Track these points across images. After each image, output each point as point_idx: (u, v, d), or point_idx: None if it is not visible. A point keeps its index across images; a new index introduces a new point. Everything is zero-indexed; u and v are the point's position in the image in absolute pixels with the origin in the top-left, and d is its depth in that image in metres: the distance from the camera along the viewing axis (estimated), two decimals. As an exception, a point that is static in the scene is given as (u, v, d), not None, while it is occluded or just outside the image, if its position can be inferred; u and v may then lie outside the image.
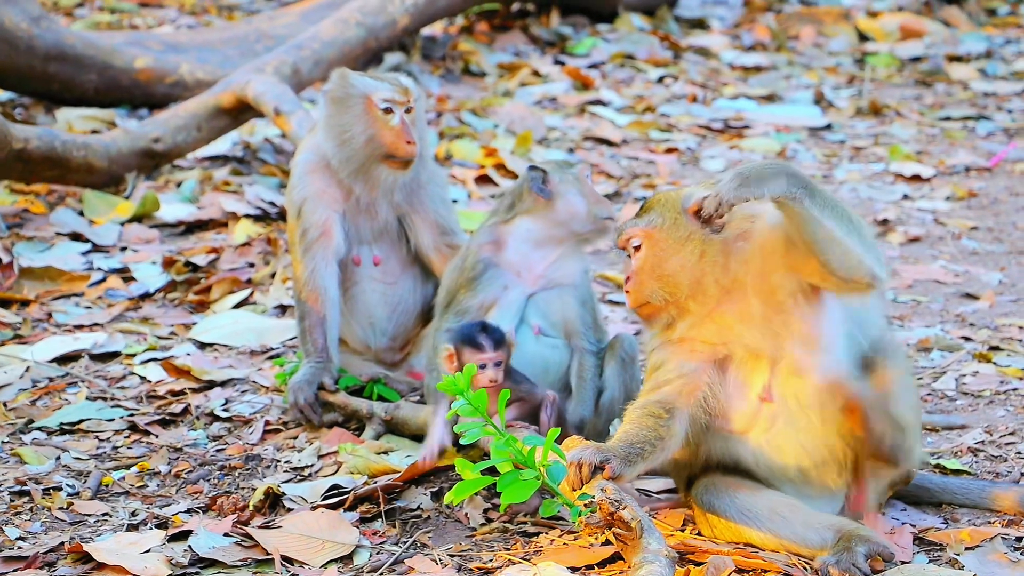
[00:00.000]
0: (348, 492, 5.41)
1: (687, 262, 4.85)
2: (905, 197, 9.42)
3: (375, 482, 5.45)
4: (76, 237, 8.34)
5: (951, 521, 5.17)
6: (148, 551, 5.07)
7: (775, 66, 12.81)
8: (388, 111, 6.11)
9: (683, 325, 4.92)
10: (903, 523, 5.12)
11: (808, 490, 4.99)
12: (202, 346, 7.04)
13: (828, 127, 11.08)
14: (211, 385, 6.60)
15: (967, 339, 6.99)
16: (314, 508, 5.30)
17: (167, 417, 6.30)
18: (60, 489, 5.61)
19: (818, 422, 4.88)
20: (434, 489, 5.48)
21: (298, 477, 5.70)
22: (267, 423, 6.20)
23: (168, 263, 7.91)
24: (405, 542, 5.13)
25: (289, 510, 5.33)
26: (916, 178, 9.81)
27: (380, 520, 5.27)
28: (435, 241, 6.32)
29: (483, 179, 9.46)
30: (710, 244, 4.84)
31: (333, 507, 5.31)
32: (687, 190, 4.96)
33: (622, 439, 4.81)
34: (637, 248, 4.95)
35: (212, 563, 5.01)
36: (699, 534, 5.03)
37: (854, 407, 4.82)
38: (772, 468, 4.97)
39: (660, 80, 12.18)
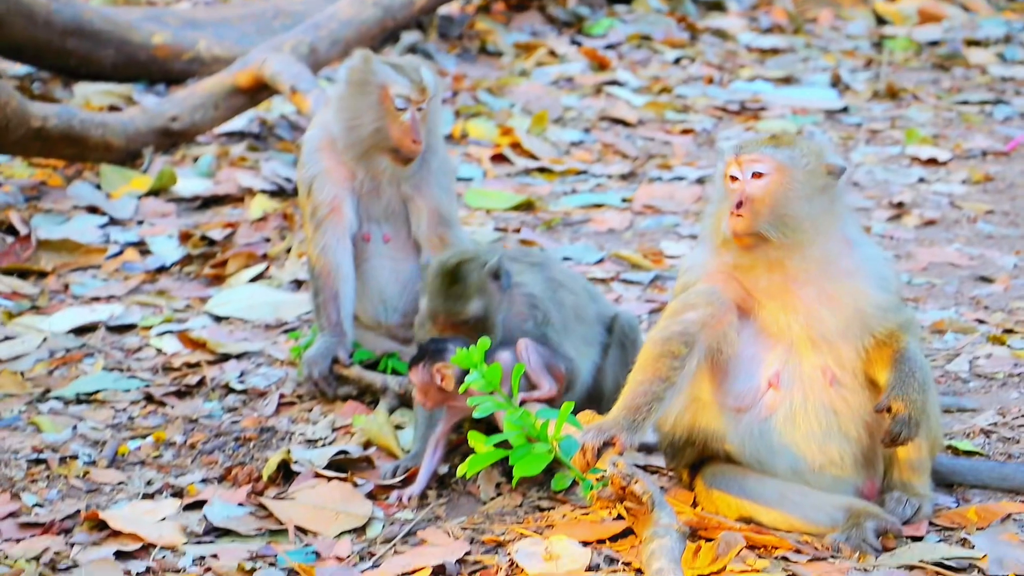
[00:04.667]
0: (356, 458, 5.51)
1: (815, 210, 4.79)
2: (921, 180, 9.39)
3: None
4: (93, 210, 8.36)
5: (962, 501, 5.18)
6: (163, 519, 5.13)
7: (792, 48, 12.77)
8: (401, 108, 6.10)
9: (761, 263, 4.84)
10: (914, 502, 5.13)
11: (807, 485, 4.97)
12: (218, 319, 7.06)
13: (845, 110, 11.04)
14: (226, 358, 6.62)
15: (981, 322, 6.98)
16: (325, 476, 5.34)
17: (183, 389, 6.33)
18: (76, 458, 5.65)
19: (819, 426, 4.88)
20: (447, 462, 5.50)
21: (312, 449, 5.73)
22: (282, 396, 6.23)
23: (184, 237, 7.93)
24: (418, 514, 5.17)
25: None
26: (932, 161, 9.78)
27: (394, 492, 5.30)
28: (429, 231, 6.28)
29: (498, 158, 9.47)
30: (839, 200, 4.86)
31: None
32: (821, 142, 4.95)
33: (627, 404, 4.77)
34: (757, 175, 4.78)
35: (227, 532, 5.07)
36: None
37: (893, 338, 4.85)
38: (760, 461, 4.95)
39: (676, 61, 12.14)
